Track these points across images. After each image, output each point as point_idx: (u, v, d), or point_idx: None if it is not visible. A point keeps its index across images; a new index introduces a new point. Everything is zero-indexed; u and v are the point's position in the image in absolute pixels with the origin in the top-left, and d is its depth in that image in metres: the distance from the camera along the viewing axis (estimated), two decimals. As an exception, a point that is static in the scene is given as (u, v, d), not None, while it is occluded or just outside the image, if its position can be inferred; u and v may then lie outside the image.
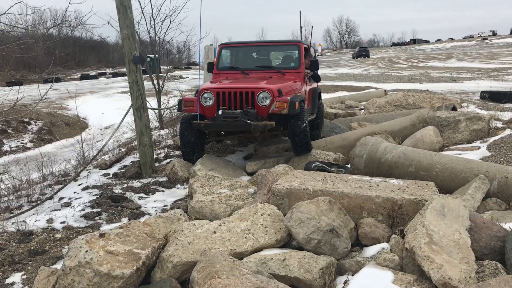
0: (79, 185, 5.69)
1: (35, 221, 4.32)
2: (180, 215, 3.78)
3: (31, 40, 5.91)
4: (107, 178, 6.05)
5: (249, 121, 5.48)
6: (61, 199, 5.19)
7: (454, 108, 8.60)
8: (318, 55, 36.58)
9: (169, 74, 11.21)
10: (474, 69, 29.06)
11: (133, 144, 8.04)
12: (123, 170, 6.32)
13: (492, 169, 4.29)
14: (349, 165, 5.54)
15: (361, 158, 5.05)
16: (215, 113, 5.70)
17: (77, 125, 14.59)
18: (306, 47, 7.26)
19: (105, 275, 2.75)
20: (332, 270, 3.00)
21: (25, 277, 3.32)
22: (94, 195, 5.16)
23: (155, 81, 10.28)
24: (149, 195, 5.29)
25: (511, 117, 7.71)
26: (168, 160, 6.78)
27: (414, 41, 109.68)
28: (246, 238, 3.28)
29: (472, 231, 3.07)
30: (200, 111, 5.81)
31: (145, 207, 4.88)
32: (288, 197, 3.86)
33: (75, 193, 5.38)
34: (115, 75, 40.46)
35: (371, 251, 3.18)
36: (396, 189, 3.78)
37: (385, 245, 3.21)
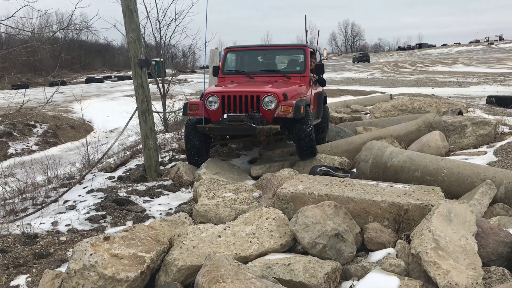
0: (84, 188, 5.70)
1: (40, 224, 4.33)
2: (185, 218, 3.78)
3: (37, 43, 5.94)
4: (112, 181, 6.06)
5: (254, 125, 5.48)
6: (66, 202, 5.20)
7: (460, 112, 8.55)
8: (323, 59, 36.55)
9: (174, 77, 11.23)
10: (480, 73, 28.97)
11: (138, 147, 8.06)
12: (128, 173, 6.32)
13: (499, 174, 4.25)
14: (354, 170, 5.51)
15: (367, 162, 5.03)
16: (220, 116, 5.70)
17: (82, 128, 14.68)
18: (311, 51, 7.25)
19: (110, 278, 2.75)
20: (337, 275, 2.98)
21: (29, 279, 3.32)
22: (99, 198, 5.17)
23: (160, 85, 10.31)
24: (153, 198, 5.29)
25: (517, 122, 7.67)
26: (173, 163, 6.78)
27: (420, 46, 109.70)
28: (251, 242, 3.27)
29: (479, 236, 3.04)
30: (205, 115, 5.81)
31: (150, 211, 4.87)
32: (293, 201, 3.85)
33: (80, 196, 5.39)
34: (120, 78, 40.49)
35: (376, 256, 3.16)
36: (402, 194, 3.75)
37: (391, 250, 3.19)
